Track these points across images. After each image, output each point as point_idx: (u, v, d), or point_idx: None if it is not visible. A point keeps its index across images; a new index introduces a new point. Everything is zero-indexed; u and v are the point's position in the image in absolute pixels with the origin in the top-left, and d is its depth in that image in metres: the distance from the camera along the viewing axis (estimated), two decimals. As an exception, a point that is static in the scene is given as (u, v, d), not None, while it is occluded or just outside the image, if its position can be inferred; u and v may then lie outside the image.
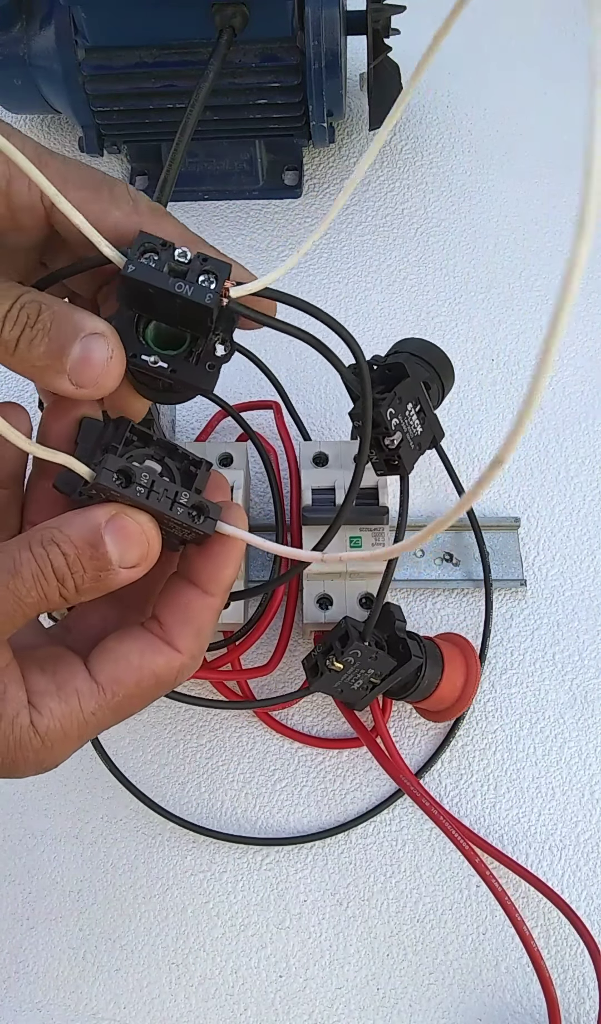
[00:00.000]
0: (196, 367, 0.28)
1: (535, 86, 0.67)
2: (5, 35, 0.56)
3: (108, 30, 0.54)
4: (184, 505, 0.27)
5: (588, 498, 0.54)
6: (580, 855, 0.46)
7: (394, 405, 0.38)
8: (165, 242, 0.27)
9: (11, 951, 0.46)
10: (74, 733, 0.27)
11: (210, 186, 0.63)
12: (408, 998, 0.44)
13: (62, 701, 0.26)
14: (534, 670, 0.50)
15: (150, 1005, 0.44)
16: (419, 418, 0.40)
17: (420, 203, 0.63)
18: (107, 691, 0.27)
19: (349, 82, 0.60)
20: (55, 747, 0.26)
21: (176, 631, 0.28)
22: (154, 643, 0.28)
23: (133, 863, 0.47)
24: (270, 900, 0.46)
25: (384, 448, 0.39)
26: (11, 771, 0.27)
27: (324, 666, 0.42)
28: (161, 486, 0.27)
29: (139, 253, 0.27)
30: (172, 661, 0.28)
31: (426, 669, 0.43)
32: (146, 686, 0.28)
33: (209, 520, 0.28)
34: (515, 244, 0.61)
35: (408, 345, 0.47)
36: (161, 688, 0.28)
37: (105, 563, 0.26)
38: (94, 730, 0.27)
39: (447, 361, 0.47)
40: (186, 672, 0.29)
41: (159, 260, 0.27)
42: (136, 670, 0.27)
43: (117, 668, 0.27)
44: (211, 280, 0.27)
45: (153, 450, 0.28)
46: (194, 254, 0.27)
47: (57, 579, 0.26)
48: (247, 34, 0.51)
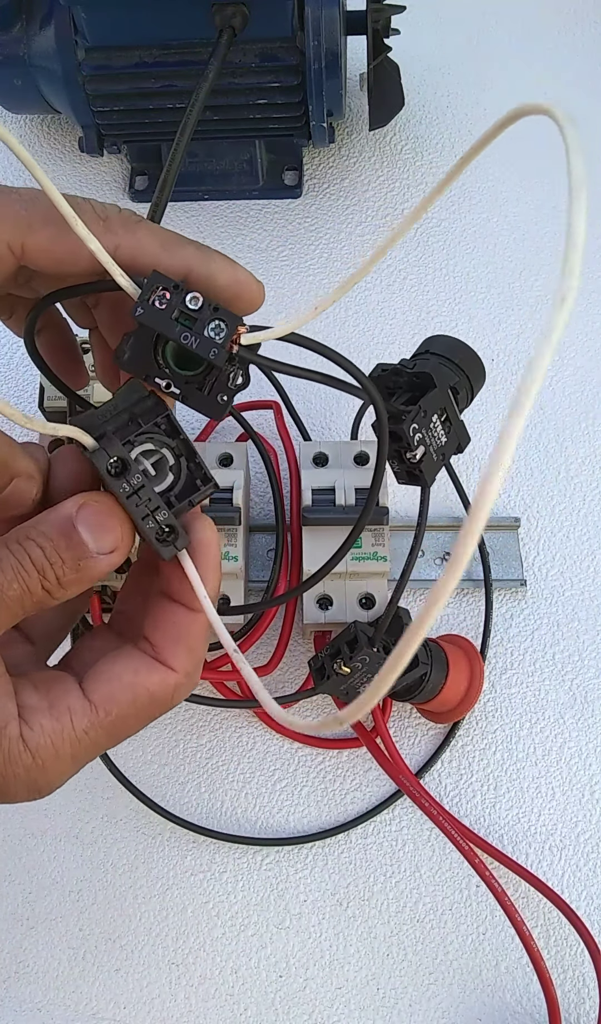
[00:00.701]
0: (208, 396, 0.28)
1: (535, 86, 0.67)
2: (5, 35, 0.56)
3: (108, 30, 0.54)
4: (158, 522, 0.27)
5: (588, 498, 0.54)
6: (580, 855, 0.46)
7: (418, 420, 0.37)
8: (178, 284, 0.26)
9: (11, 951, 0.46)
10: (66, 752, 0.26)
11: (210, 186, 0.63)
12: (408, 998, 0.44)
13: (54, 718, 0.26)
14: (534, 670, 0.50)
15: (150, 1005, 0.44)
16: (444, 428, 0.39)
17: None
18: (100, 710, 0.27)
19: (349, 82, 0.60)
20: (47, 766, 0.26)
21: (168, 651, 0.28)
22: (147, 662, 0.28)
23: (133, 863, 0.47)
24: (270, 900, 0.46)
25: (406, 461, 0.38)
26: (2, 790, 0.26)
27: (331, 669, 0.42)
28: (147, 495, 0.27)
29: (150, 293, 0.26)
30: (167, 679, 0.28)
31: (431, 673, 0.43)
32: (141, 705, 0.27)
33: (171, 548, 0.27)
34: (515, 244, 0.61)
35: (437, 344, 0.45)
36: (156, 707, 0.28)
37: (82, 551, 0.26)
38: (88, 751, 0.27)
39: (477, 361, 0.45)
40: (182, 691, 0.28)
41: (170, 302, 0.26)
42: (130, 688, 0.27)
43: (111, 687, 0.27)
44: (220, 329, 0.26)
45: (177, 444, 0.28)
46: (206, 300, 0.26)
47: (37, 570, 0.26)
48: (247, 34, 0.51)
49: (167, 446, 0.28)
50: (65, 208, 0.26)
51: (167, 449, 0.28)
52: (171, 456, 0.28)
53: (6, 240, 0.26)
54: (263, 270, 0.60)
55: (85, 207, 0.27)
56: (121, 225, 0.27)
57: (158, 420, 0.28)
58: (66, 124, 0.67)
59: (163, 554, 0.27)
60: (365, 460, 0.47)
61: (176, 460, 0.28)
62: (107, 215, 0.27)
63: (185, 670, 0.28)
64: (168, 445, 0.28)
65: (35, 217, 0.26)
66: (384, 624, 0.42)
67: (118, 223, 0.27)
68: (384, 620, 0.42)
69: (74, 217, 0.26)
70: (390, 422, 0.37)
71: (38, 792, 0.26)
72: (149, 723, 0.28)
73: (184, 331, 0.26)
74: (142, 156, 0.64)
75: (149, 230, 0.28)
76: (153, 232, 0.28)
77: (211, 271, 0.28)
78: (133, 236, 0.27)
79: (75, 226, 0.26)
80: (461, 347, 0.45)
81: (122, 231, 0.27)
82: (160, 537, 0.27)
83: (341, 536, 0.45)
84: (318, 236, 0.62)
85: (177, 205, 0.63)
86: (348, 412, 0.55)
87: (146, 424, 0.27)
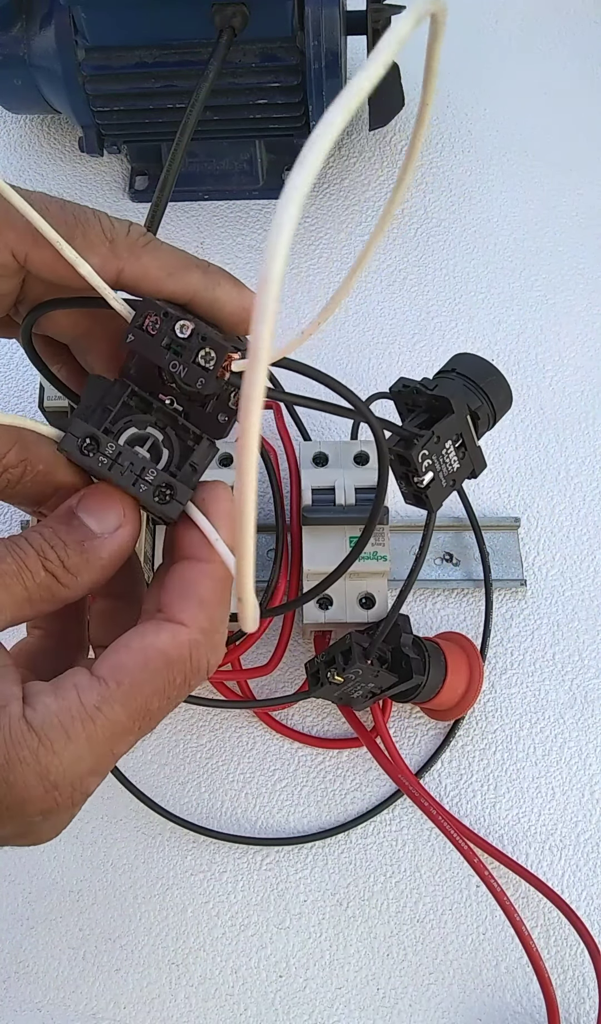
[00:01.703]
0: (208, 415, 0.28)
1: (535, 86, 0.67)
2: (5, 35, 0.56)
3: (108, 30, 0.54)
4: (150, 483, 0.26)
5: (588, 498, 0.54)
6: (580, 855, 0.46)
7: (429, 446, 0.37)
8: (167, 312, 0.26)
9: (11, 951, 0.46)
10: (79, 732, 0.23)
11: (210, 186, 0.63)
12: (408, 998, 0.44)
13: (58, 696, 0.24)
14: (534, 670, 0.50)
15: (150, 1005, 0.44)
16: (458, 453, 0.38)
17: (420, 203, 0.63)
18: (109, 681, 0.24)
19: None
20: (58, 748, 0.23)
21: (176, 606, 0.26)
22: (153, 623, 0.25)
23: (133, 863, 0.47)
24: (270, 900, 0.46)
25: (413, 484, 0.38)
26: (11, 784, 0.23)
27: (325, 677, 0.42)
28: (127, 459, 0.26)
29: (142, 319, 0.26)
30: (178, 635, 0.25)
31: (429, 675, 0.43)
32: (155, 668, 0.24)
33: (174, 503, 0.26)
34: (515, 244, 0.61)
35: (464, 364, 0.43)
36: (176, 670, 0.25)
37: (85, 532, 0.25)
38: (108, 731, 0.24)
39: (504, 387, 0.43)
40: (201, 649, 0.25)
41: (160, 329, 0.26)
42: (137, 652, 0.25)
43: (116, 655, 0.25)
44: (210, 357, 0.26)
45: (155, 416, 0.27)
46: (194, 329, 0.26)
47: (36, 552, 0.25)
48: (247, 34, 0.51)
49: (147, 423, 0.27)
50: (51, 235, 0.25)
51: (151, 427, 0.27)
52: (157, 431, 0.27)
53: (10, 248, 0.26)
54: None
55: (93, 223, 0.27)
56: (127, 248, 0.27)
57: (125, 399, 0.27)
58: (66, 124, 0.67)
59: (168, 513, 0.26)
60: (365, 460, 0.47)
61: (163, 432, 0.27)
62: (114, 236, 0.27)
63: (198, 624, 0.25)
64: (148, 421, 0.27)
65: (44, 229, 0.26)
66: (380, 637, 0.42)
67: (124, 246, 0.27)
68: (381, 633, 0.42)
69: (60, 242, 0.25)
70: (401, 445, 0.37)
71: (56, 789, 0.23)
72: (175, 696, 0.25)
73: (174, 359, 0.26)
74: (142, 156, 0.64)
75: (155, 255, 0.27)
76: (159, 257, 0.27)
77: (216, 297, 0.27)
78: (137, 261, 0.27)
79: (63, 251, 0.26)
80: (489, 371, 0.43)
81: (127, 254, 0.27)
82: (159, 498, 0.26)
83: (341, 536, 0.45)
84: (318, 236, 0.62)
85: (177, 205, 0.63)
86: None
87: (115, 407, 0.27)
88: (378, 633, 0.41)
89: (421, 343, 0.58)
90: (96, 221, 0.27)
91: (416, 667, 0.42)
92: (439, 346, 0.58)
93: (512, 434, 0.55)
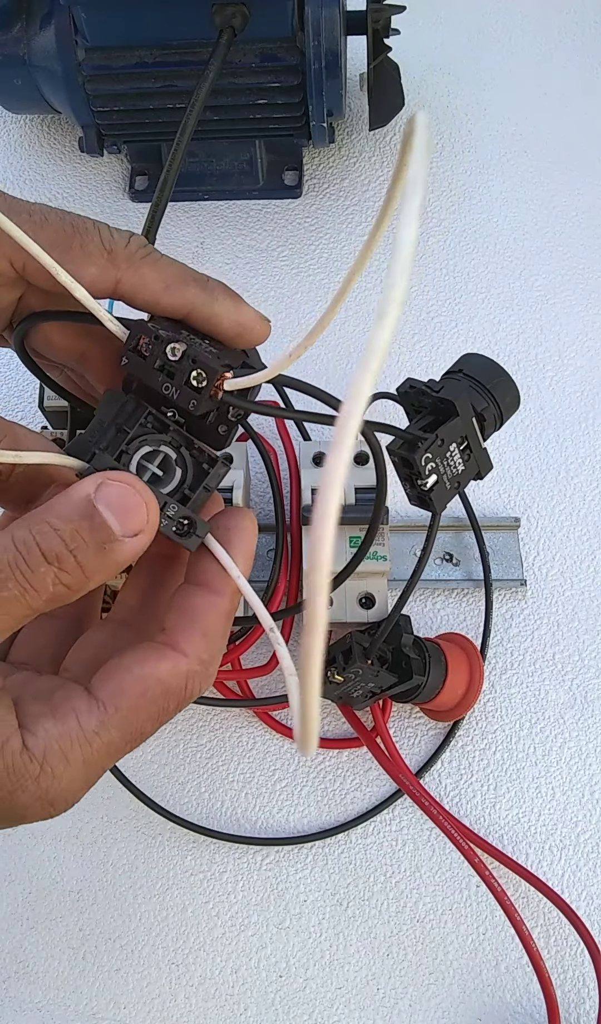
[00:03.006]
0: (210, 426, 0.28)
1: (535, 86, 0.67)
2: (5, 35, 0.56)
3: (108, 30, 0.54)
4: (171, 517, 0.26)
5: (588, 498, 0.54)
6: (580, 855, 0.46)
7: (432, 449, 0.37)
8: (159, 335, 0.26)
9: (11, 951, 0.46)
10: (77, 755, 0.24)
11: (210, 186, 0.63)
12: (408, 998, 0.44)
13: (58, 721, 0.24)
14: (534, 670, 0.50)
15: (150, 1005, 0.44)
16: (463, 456, 0.38)
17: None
18: (108, 705, 0.24)
19: (349, 82, 0.60)
20: (57, 773, 0.24)
21: (180, 635, 0.26)
22: (156, 649, 0.26)
23: (133, 863, 0.47)
24: (270, 900, 0.46)
25: (417, 487, 0.38)
26: (11, 807, 0.24)
27: (325, 676, 0.42)
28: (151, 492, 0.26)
29: (134, 342, 0.26)
30: (178, 665, 0.25)
31: (429, 675, 0.43)
32: (153, 696, 0.25)
33: (194, 538, 0.26)
34: (515, 244, 0.61)
35: (471, 365, 0.43)
36: (171, 699, 0.25)
37: (106, 534, 0.24)
38: (102, 754, 0.24)
39: (512, 389, 0.43)
40: (197, 679, 0.26)
41: (153, 352, 0.26)
42: (138, 680, 0.25)
43: (117, 680, 0.25)
44: (202, 378, 0.26)
45: (170, 437, 0.27)
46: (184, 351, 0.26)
47: (49, 561, 0.23)
48: (247, 34, 0.51)
49: (163, 442, 0.27)
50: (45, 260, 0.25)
51: (165, 446, 0.27)
52: (171, 450, 0.27)
53: (8, 257, 0.26)
54: (263, 270, 0.60)
55: (92, 234, 0.27)
56: (126, 260, 0.27)
57: (142, 420, 0.27)
58: (66, 124, 0.67)
59: (189, 546, 0.27)
60: (365, 460, 0.47)
61: (177, 452, 0.27)
62: (113, 247, 0.27)
63: (198, 656, 0.26)
64: (163, 441, 0.27)
65: (41, 240, 0.26)
66: (380, 637, 0.42)
67: (123, 258, 0.27)
68: (381, 633, 0.42)
69: (56, 268, 0.25)
70: (405, 448, 0.36)
71: (52, 806, 0.24)
72: (165, 720, 0.26)
73: (166, 382, 0.26)
74: (142, 156, 0.64)
75: (154, 267, 0.27)
76: (158, 269, 0.27)
77: (214, 312, 0.27)
78: (136, 273, 0.27)
79: (59, 276, 0.26)
80: (496, 372, 0.43)
81: (125, 266, 0.27)
82: (180, 531, 0.26)
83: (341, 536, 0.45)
84: (318, 236, 0.62)
85: (177, 205, 0.63)
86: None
87: (132, 428, 0.27)
88: (379, 633, 0.41)
89: (421, 343, 0.58)
90: (95, 232, 0.27)
91: (416, 667, 0.42)
92: (439, 346, 0.58)
93: (512, 434, 0.55)
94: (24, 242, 0.25)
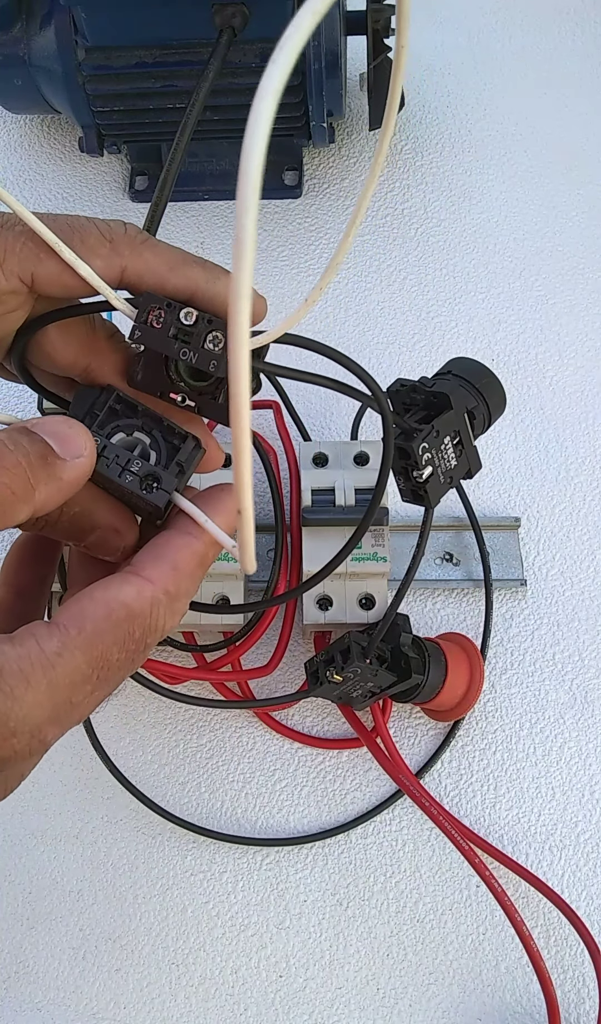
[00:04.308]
0: (222, 405, 0.28)
1: (535, 86, 0.67)
2: (5, 35, 0.56)
3: (108, 30, 0.54)
4: (135, 474, 0.27)
5: (588, 498, 0.54)
6: (580, 855, 0.46)
7: (428, 440, 0.37)
8: (170, 302, 0.27)
9: (11, 951, 0.46)
10: (39, 678, 0.23)
11: (210, 186, 0.63)
12: (408, 998, 0.44)
13: (17, 644, 0.23)
14: (534, 670, 0.50)
15: (150, 1005, 0.44)
16: (456, 451, 0.39)
17: (420, 203, 0.63)
18: (70, 628, 0.24)
19: (349, 82, 0.60)
20: (17, 694, 0.22)
21: (147, 565, 0.26)
22: (120, 576, 0.25)
23: (133, 863, 0.47)
24: (270, 900, 0.46)
25: (412, 479, 0.38)
26: None
27: (324, 676, 0.42)
28: (113, 452, 0.27)
29: (146, 314, 0.27)
30: (142, 591, 0.25)
31: (429, 675, 0.43)
32: (116, 619, 0.24)
33: (160, 492, 0.27)
34: (515, 244, 0.61)
35: (460, 366, 0.44)
36: (136, 624, 0.25)
37: (45, 447, 0.24)
38: (68, 678, 0.23)
39: (499, 390, 0.44)
40: (161, 609, 0.25)
41: (165, 321, 0.27)
42: (100, 602, 0.24)
43: (79, 604, 0.24)
44: (218, 340, 0.26)
45: (140, 420, 0.28)
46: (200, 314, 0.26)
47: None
48: (247, 34, 0.51)
49: (134, 427, 0.28)
50: (48, 235, 0.26)
51: (138, 432, 0.28)
52: (144, 435, 0.28)
53: (16, 274, 0.26)
54: (263, 270, 0.60)
55: (90, 228, 0.27)
56: (127, 246, 0.27)
57: (111, 404, 0.28)
58: (66, 124, 0.67)
59: (155, 502, 0.27)
60: (365, 460, 0.47)
61: (149, 435, 0.28)
62: (112, 236, 0.27)
63: (164, 585, 0.25)
64: (135, 426, 0.28)
65: (41, 246, 0.26)
66: (379, 636, 0.42)
67: (124, 244, 0.27)
68: (379, 632, 0.42)
69: (58, 243, 0.26)
70: (401, 438, 0.37)
71: (13, 736, 0.23)
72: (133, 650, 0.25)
73: (183, 347, 0.26)
74: (142, 156, 0.64)
75: (155, 251, 0.28)
76: (159, 253, 0.28)
77: (217, 291, 0.28)
78: (139, 257, 0.27)
79: (62, 252, 0.26)
80: (484, 373, 0.44)
81: (128, 252, 0.27)
82: (146, 488, 0.27)
83: (341, 536, 0.45)
84: (318, 236, 0.62)
85: (177, 205, 0.63)
86: (348, 412, 0.55)
87: (101, 412, 0.27)
88: (377, 631, 0.41)
89: (421, 343, 0.58)
90: (92, 225, 0.27)
91: (415, 666, 0.42)
92: (439, 346, 0.58)
93: (512, 434, 0.55)
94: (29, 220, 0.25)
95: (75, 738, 0.48)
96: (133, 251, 0.27)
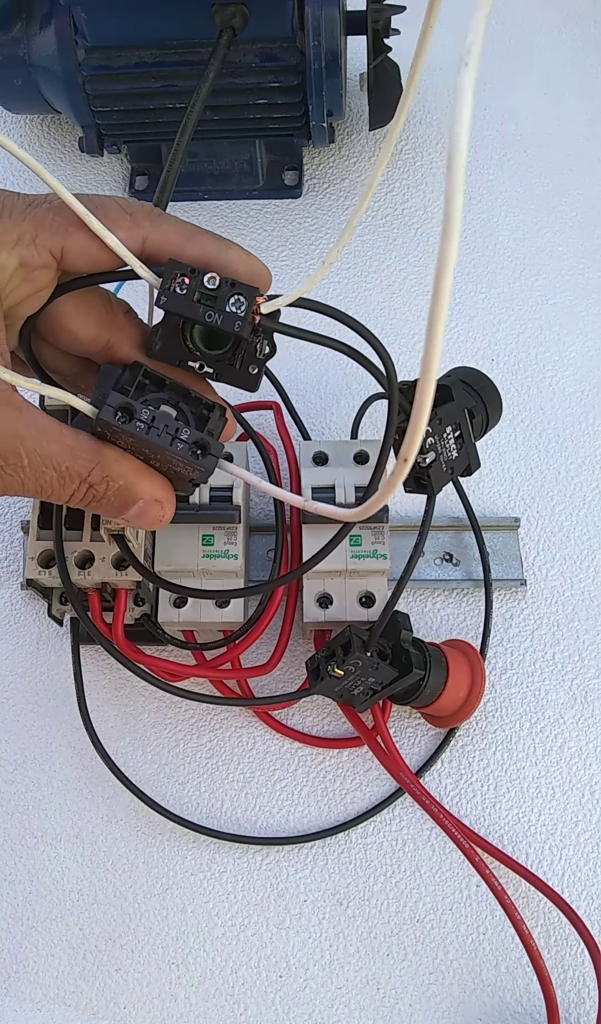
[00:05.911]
0: (239, 370, 0.29)
1: (535, 86, 0.67)
2: (5, 35, 0.56)
3: (108, 30, 0.54)
4: (185, 441, 0.28)
5: (588, 498, 0.54)
6: (580, 855, 0.46)
7: (432, 424, 0.38)
8: (194, 268, 0.28)
9: (11, 951, 0.46)
10: None
11: (210, 186, 0.63)
12: (408, 998, 0.44)
13: None
14: (534, 670, 0.50)
15: (150, 1005, 0.44)
16: (457, 443, 0.40)
17: (420, 203, 0.63)
18: None
19: (349, 82, 0.60)
20: None
21: None
22: None
23: (133, 863, 0.47)
24: (270, 900, 0.46)
25: (415, 465, 0.38)
26: None
27: (325, 671, 0.42)
28: (162, 422, 0.28)
29: (170, 281, 0.28)
30: None
31: (429, 678, 0.43)
32: None
33: (210, 457, 0.29)
34: (515, 244, 0.62)
35: (460, 372, 0.47)
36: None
37: None
38: None
39: (496, 395, 0.47)
40: None
41: (190, 287, 0.28)
42: None
43: None
44: (240, 303, 0.28)
45: (167, 394, 0.29)
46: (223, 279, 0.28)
47: None
48: (247, 34, 0.51)
49: (162, 401, 0.29)
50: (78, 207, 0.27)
51: (166, 405, 0.29)
52: (170, 408, 0.29)
53: (48, 247, 0.28)
54: (263, 270, 0.60)
55: (111, 203, 0.29)
56: (146, 218, 0.29)
57: (139, 380, 0.29)
58: (66, 124, 0.67)
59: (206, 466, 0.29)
60: (365, 459, 0.47)
61: (176, 408, 0.29)
62: (133, 210, 0.29)
63: None
64: (162, 399, 0.29)
65: (70, 221, 0.28)
66: (379, 628, 0.42)
67: (143, 216, 0.29)
68: (379, 624, 0.42)
69: (87, 215, 0.27)
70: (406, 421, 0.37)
71: None
72: None
73: (208, 310, 0.28)
74: (142, 156, 0.64)
75: (171, 222, 0.30)
76: (175, 224, 0.30)
77: (229, 259, 0.30)
78: (158, 229, 0.29)
79: (91, 223, 0.27)
80: (483, 378, 0.46)
81: (148, 224, 0.29)
82: (195, 455, 0.29)
83: (341, 535, 0.45)
84: (318, 236, 0.62)
85: (177, 205, 0.63)
86: (348, 411, 0.55)
87: (132, 388, 0.29)
88: (377, 623, 0.42)
89: (421, 343, 0.58)
90: (112, 201, 0.29)
91: (416, 661, 0.42)
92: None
93: (512, 434, 0.55)
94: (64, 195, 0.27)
95: (75, 738, 0.48)
96: (152, 223, 0.29)
